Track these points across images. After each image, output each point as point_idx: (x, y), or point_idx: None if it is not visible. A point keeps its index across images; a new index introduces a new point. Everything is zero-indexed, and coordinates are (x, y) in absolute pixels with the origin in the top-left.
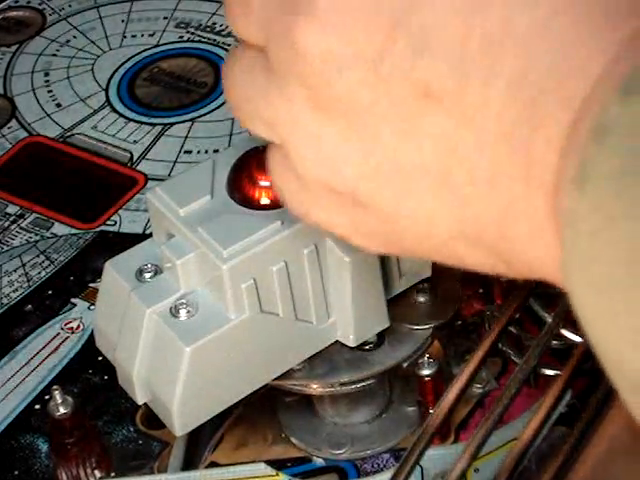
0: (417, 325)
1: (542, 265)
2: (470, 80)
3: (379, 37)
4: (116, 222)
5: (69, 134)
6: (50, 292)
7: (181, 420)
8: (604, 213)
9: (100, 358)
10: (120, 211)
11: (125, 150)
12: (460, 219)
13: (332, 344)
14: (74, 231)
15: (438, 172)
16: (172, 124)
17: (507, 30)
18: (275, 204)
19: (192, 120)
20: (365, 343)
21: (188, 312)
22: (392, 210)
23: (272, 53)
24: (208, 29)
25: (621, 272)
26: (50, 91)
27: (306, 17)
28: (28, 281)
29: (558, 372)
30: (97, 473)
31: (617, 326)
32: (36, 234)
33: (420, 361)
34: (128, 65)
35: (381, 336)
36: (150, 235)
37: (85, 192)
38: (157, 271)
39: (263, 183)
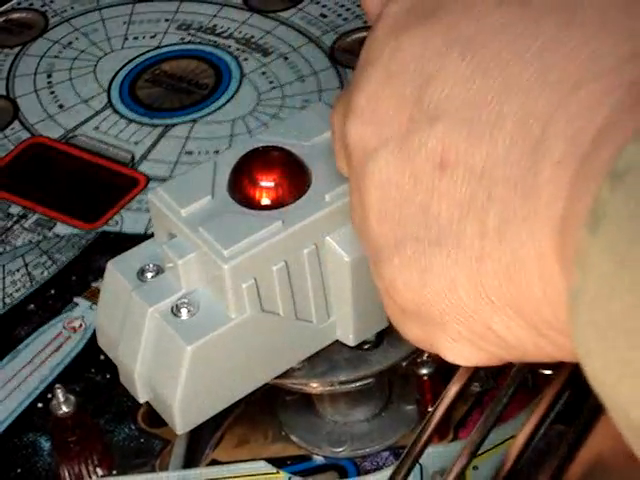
0: None
1: (557, 317)
2: (478, 134)
3: (404, 118)
4: (118, 222)
5: (71, 135)
6: (52, 292)
7: (182, 418)
8: (617, 257)
9: (102, 357)
10: (122, 211)
11: (127, 151)
12: (476, 279)
13: (332, 343)
14: (76, 231)
15: (453, 235)
16: (173, 125)
17: (509, 85)
18: (275, 204)
19: (193, 121)
20: (364, 342)
21: (189, 311)
22: (419, 294)
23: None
24: (209, 31)
25: (632, 319)
26: (52, 92)
27: (351, 116)
28: (31, 281)
29: (556, 371)
30: (99, 471)
31: (626, 375)
32: (39, 234)
33: (419, 360)
34: (130, 67)
35: (380, 335)
36: (152, 235)
37: (87, 193)
38: (159, 271)
39: (263, 183)
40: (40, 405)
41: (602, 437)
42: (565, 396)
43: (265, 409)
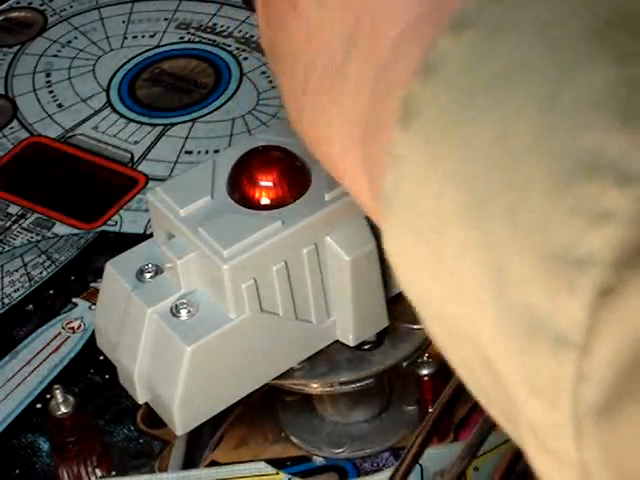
0: (416, 324)
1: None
2: None
3: None
4: (117, 222)
5: (70, 134)
6: (51, 292)
7: (182, 419)
8: (429, 151)
9: (101, 358)
10: (121, 211)
11: (126, 150)
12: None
13: (332, 343)
14: (75, 231)
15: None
16: (173, 124)
17: None
18: (275, 204)
19: (193, 120)
20: (365, 342)
21: (189, 312)
22: None
23: None
24: (209, 30)
25: (443, 214)
26: (51, 92)
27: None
28: (29, 281)
29: None
30: (98, 472)
31: (438, 274)
32: (37, 234)
33: (419, 360)
34: (129, 66)
35: (381, 335)
36: (151, 235)
37: (86, 192)
38: (158, 271)
39: (263, 183)
40: (39, 406)
41: None
42: None
43: (265, 410)
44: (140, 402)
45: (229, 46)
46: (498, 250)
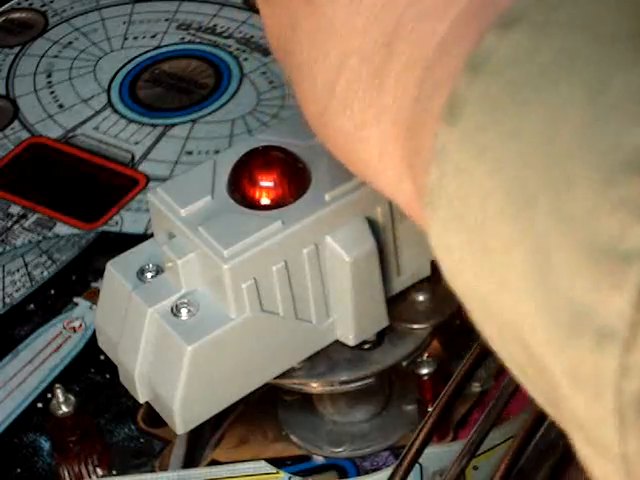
0: (416, 324)
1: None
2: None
3: None
4: (118, 222)
5: (71, 135)
6: (52, 292)
7: (182, 418)
8: (476, 146)
9: (102, 357)
10: (122, 211)
11: (126, 151)
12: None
13: (332, 343)
14: (76, 231)
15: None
16: (173, 125)
17: None
18: (275, 204)
19: (193, 121)
20: (364, 342)
21: (189, 311)
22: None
23: None
24: (209, 31)
25: (490, 206)
26: (52, 92)
27: None
28: (30, 281)
29: None
30: (99, 471)
31: (484, 266)
32: (38, 234)
33: (419, 360)
34: (130, 66)
35: (380, 335)
36: (151, 235)
37: (87, 192)
38: (158, 271)
39: (263, 183)
40: (40, 405)
41: None
42: None
43: (265, 409)
44: (141, 401)
45: (229, 47)
46: (543, 242)
